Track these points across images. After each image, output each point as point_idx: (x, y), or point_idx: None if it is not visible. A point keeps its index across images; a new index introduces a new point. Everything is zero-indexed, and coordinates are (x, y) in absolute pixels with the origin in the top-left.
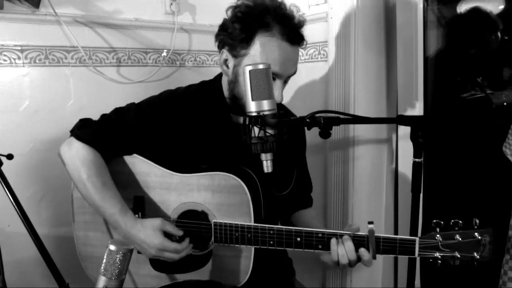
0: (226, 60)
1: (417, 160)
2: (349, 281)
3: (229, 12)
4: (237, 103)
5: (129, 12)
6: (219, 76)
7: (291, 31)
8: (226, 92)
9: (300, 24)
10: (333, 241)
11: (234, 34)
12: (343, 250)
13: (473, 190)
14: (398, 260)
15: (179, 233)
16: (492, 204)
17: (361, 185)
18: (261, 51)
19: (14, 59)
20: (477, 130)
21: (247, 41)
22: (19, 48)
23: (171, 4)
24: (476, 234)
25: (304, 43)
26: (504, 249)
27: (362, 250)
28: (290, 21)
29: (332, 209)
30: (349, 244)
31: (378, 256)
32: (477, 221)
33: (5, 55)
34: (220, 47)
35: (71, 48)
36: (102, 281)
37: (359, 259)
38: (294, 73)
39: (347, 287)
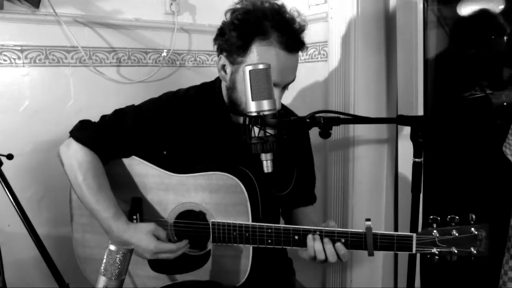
0: (224, 66)
1: (417, 160)
2: (349, 281)
3: (228, 16)
4: (236, 109)
5: (129, 12)
6: (219, 78)
7: (290, 38)
8: (225, 97)
9: (301, 29)
10: (310, 237)
11: (231, 41)
12: (320, 246)
13: (473, 190)
14: (398, 260)
15: (171, 246)
16: (492, 204)
17: (361, 185)
18: (258, 59)
19: (14, 59)
20: (477, 130)
21: (243, 49)
22: (19, 48)
23: (171, 4)
24: (472, 229)
25: (305, 48)
26: (504, 248)
27: (338, 245)
28: (289, 27)
29: (332, 209)
30: (327, 242)
31: (378, 255)
32: (473, 216)
33: (5, 55)
34: (218, 52)
35: (71, 48)
36: (102, 281)
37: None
38: (293, 80)
39: (347, 287)
